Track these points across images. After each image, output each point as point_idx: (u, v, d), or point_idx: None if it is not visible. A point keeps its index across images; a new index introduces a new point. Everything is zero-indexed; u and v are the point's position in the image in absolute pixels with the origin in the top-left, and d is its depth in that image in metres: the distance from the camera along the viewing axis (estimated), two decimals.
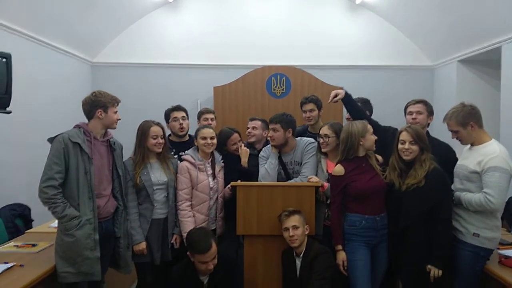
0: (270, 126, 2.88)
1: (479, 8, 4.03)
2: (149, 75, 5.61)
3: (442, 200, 2.33)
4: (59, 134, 2.32)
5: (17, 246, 2.69)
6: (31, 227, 3.56)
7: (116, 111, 2.51)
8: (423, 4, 4.72)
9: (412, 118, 2.85)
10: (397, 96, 4.48)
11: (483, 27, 4.20)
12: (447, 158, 2.60)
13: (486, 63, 4.80)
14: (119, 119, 2.54)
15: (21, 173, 3.80)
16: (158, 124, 2.76)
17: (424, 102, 2.89)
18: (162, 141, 2.72)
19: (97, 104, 2.42)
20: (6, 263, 2.33)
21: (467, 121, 2.38)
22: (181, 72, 5.60)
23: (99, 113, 2.42)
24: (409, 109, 2.92)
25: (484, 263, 2.35)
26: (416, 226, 2.35)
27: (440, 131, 2.83)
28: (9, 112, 3.26)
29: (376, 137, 2.55)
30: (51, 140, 2.32)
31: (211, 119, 3.55)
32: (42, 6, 3.95)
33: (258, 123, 3.19)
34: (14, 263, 2.33)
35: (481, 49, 4.43)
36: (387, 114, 3.88)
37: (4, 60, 3.24)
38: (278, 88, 5.20)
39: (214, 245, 2.45)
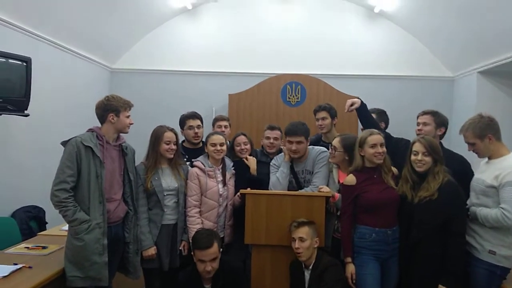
0: (295, 139, 2.77)
1: (499, 18, 3.93)
2: (166, 81, 5.68)
3: (456, 214, 2.26)
4: (72, 138, 2.35)
5: (27, 247, 2.72)
6: (45, 229, 3.62)
7: (129, 116, 2.52)
8: (443, 14, 4.64)
9: (418, 129, 2.82)
10: (415, 107, 4.33)
11: (504, 38, 4.09)
12: (462, 170, 2.53)
13: (507, 75, 4.66)
14: (132, 124, 2.55)
15: (37, 175, 3.87)
16: (172, 130, 2.78)
17: (432, 113, 2.84)
18: (174, 147, 2.73)
19: (109, 108, 2.45)
20: (15, 264, 2.36)
21: (485, 133, 2.32)
22: (197, 79, 5.64)
23: (111, 117, 2.44)
24: (418, 120, 2.90)
25: (500, 282, 2.26)
26: (428, 240, 2.28)
27: (459, 144, 2.72)
28: (27, 115, 3.37)
29: (381, 150, 2.46)
30: (64, 143, 2.36)
31: (225, 127, 3.55)
32: (62, 12, 4.04)
33: (279, 133, 3.11)
34: (23, 265, 2.36)
35: (502, 60, 4.29)
36: (405, 125, 3.81)
37: (24, 64, 3.35)
38: (293, 96, 5.17)
39: (215, 246, 2.42)
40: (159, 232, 2.67)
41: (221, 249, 2.52)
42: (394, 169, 2.59)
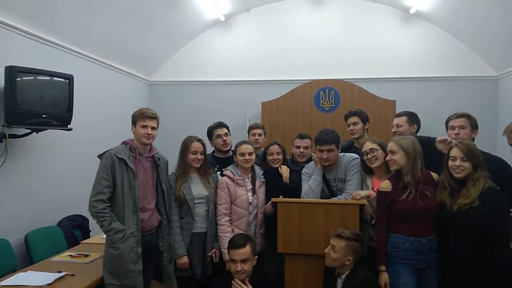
0: (325, 147, 2.73)
1: None
2: (202, 91, 5.81)
3: (499, 222, 2.12)
4: (106, 151, 2.46)
5: (71, 256, 2.86)
6: (88, 237, 3.79)
7: (145, 126, 2.51)
8: (483, 10, 4.42)
9: (455, 134, 2.66)
10: (456, 109, 4.18)
11: None
12: (502, 173, 2.37)
13: None
14: (150, 134, 2.54)
15: (80, 186, 4.04)
16: (199, 140, 2.83)
17: (467, 116, 2.70)
18: (201, 157, 2.78)
19: (131, 120, 2.57)
20: (59, 272, 2.49)
21: None
22: (231, 88, 5.73)
23: (132, 128, 2.56)
24: (451, 124, 2.74)
25: None
26: (469, 250, 2.16)
27: (506, 147, 2.56)
28: (70, 129, 3.55)
29: (389, 158, 2.44)
30: (100, 156, 2.47)
31: (259, 134, 3.57)
32: (101, 29, 4.26)
33: (309, 142, 3.07)
34: (66, 272, 2.48)
35: None
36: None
37: (67, 81, 3.55)
38: (327, 102, 5.11)
39: (248, 248, 2.45)
40: (190, 240, 2.72)
41: (255, 256, 2.52)
42: (434, 175, 2.48)
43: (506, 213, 2.21)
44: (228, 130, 3.31)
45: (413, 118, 3.16)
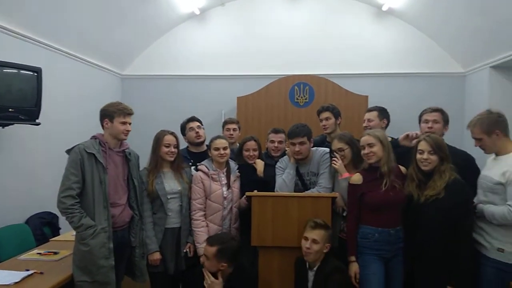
0: (297, 140, 2.78)
1: (511, 11, 3.84)
2: (176, 86, 5.74)
3: (463, 212, 2.21)
4: (75, 145, 2.41)
5: (40, 253, 2.79)
6: (58, 235, 3.70)
7: (124, 122, 2.51)
8: (452, 9, 4.55)
9: (428, 127, 2.74)
10: (425, 105, 4.27)
11: None
12: (466, 167, 2.47)
13: None
14: (128, 130, 2.54)
15: (50, 183, 3.93)
16: (172, 133, 2.82)
17: (441, 111, 2.79)
18: (174, 150, 2.76)
19: (104, 114, 2.51)
20: (27, 270, 2.42)
21: (492, 129, 2.28)
22: (206, 83, 5.69)
23: (106, 122, 2.50)
24: (424, 117, 2.81)
25: (509, 280, 2.19)
26: (435, 240, 2.24)
27: (472, 141, 2.63)
28: (38, 124, 3.45)
29: (367, 151, 2.47)
30: (68, 151, 2.41)
31: (234, 130, 3.57)
32: (72, 21, 4.13)
33: (283, 137, 3.10)
34: (35, 271, 2.42)
35: None
36: (416, 122, 3.75)
37: (35, 74, 3.44)
38: (302, 97, 5.16)
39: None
40: (163, 236, 2.70)
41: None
42: (402, 169, 2.56)
43: (470, 204, 2.30)
44: (201, 124, 3.30)
45: (383, 113, 3.24)
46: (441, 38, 5.30)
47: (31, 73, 3.41)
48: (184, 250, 2.74)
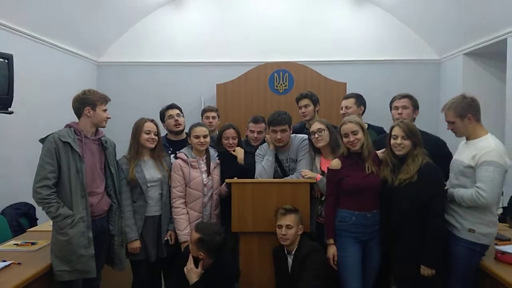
0: (279, 128, 2.80)
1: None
2: (154, 73, 5.65)
3: (435, 195, 2.29)
4: (49, 134, 2.36)
5: (17, 244, 2.74)
6: (36, 226, 3.63)
7: (105, 110, 2.52)
8: None
9: (398, 113, 2.84)
10: (403, 91, 4.38)
11: (489, 19, 4.09)
12: (438, 151, 2.56)
13: (492, 56, 4.67)
14: (109, 118, 2.55)
15: (26, 173, 3.84)
16: (152, 120, 2.80)
17: (409, 97, 2.89)
18: (154, 137, 2.75)
19: (85, 102, 2.45)
20: (4, 261, 2.38)
21: (465, 113, 2.34)
22: (185, 69, 5.62)
23: (87, 111, 2.45)
24: (394, 104, 2.91)
25: (479, 259, 2.30)
26: (409, 222, 2.32)
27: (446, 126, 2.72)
28: (11, 113, 3.35)
29: (352, 138, 2.48)
30: (42, 140, 2.36)
31: (213, 117, 3.55)
32: (45, 7, 4.00)
33: (263, 126, 3.07)
34: (12, 261, 2.37)
35: (487, 42, 4.31)
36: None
37: (6, 61, 3.32)
38: (281, 84, 5.17)
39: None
40: (144, 223, 2.69)
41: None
42: (379, 153, 2.62)
43: (442, 186, 2.39)
44: (181, 111, 3.28)
45: (360, 100, 3.30)
46: (417, 25, 5.38)
47: (1, 59, 3.29)
48: (165, 238, 2.75)
